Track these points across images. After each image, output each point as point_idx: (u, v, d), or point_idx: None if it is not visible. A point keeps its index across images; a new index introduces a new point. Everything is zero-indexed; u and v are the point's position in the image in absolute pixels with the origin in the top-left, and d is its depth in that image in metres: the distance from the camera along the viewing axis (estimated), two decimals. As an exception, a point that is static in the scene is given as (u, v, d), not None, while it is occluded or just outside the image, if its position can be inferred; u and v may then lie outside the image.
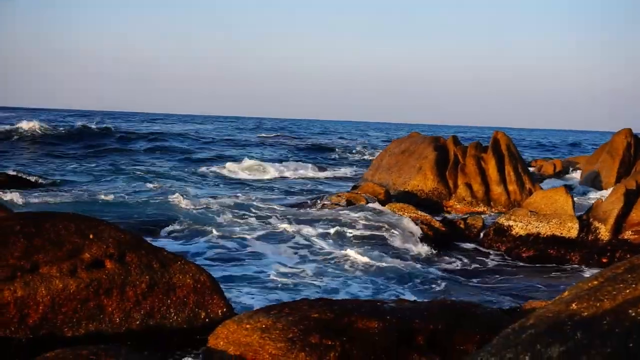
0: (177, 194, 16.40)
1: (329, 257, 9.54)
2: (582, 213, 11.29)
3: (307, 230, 11.08)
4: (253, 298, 7.23)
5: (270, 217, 12.75)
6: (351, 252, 9.63)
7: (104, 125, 41.58)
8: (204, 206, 14.45)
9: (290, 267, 8.83)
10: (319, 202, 13.90)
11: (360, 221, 11.56)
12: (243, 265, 8.85)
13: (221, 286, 7.45)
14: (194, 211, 13.51)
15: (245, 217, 12.93)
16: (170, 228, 11.24)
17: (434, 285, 8.35)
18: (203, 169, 25.63)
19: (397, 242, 10.47)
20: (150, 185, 18.84)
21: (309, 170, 26.91)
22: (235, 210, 13.80)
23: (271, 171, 25.72)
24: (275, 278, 8.24)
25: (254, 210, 13.87)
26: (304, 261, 9.21)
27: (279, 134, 56.62)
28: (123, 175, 21.76)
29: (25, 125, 34.24)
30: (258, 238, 10.57)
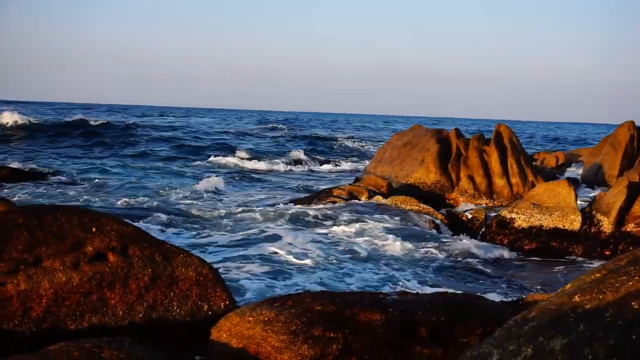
0: (178, 188, 16.42)
1: (337, 245, 9.58)
2: (584, 205, 11.28)
3: (312, 220, 11.10)
4: (264, 285, 7.27)
5: (274, 207, 12.76)
6: (359, 242, 9.69)
7: (102, 118, 41.58)
8: (204, 198, 14.47)
9: (300, 254, 8.88)
10: (321, 195, 13.90)
11: (367, 213, 11.58)
12: (252, 253, 8.88)
13: (234, 271, 7.50)
14: (194, 203, 13.53)
15: (246, 208, 12.94)
16: (173, 220, 11.25)
17: (436, 278, 8.36)
18: (201, 162, 25.59)
19: (401, 234, 10.47)
20: (151, 178, 18.88)
21: (309, 163, 26.90)
22: (232, 201, 13.82)
23: (272, 164, 25.72)
24: (286, 265, 8.29)
25: (254, 201, 13.89)
26: (314, 249, 9.23)
27: (281, 126, 56.59)
28: (123, 168, 21.77)
29: (7, 117, 33.97)
30: (262, 228, 10.58)
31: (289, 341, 3.57)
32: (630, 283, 2.38)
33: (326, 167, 26.46)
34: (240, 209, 12.99)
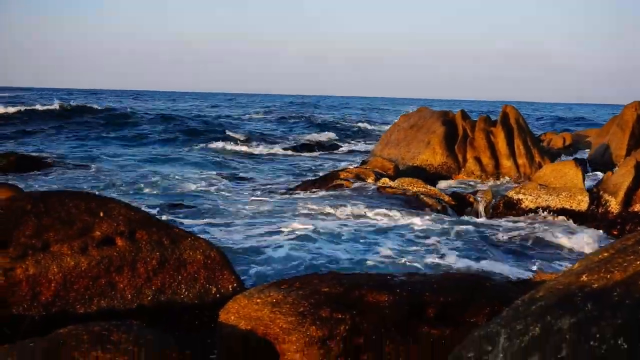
0: (183, 173, 16.44)
1: (346, 226, 9.60)
2: (592, 185, 11.26)
3: (320, 202, 11.11)
4: (272, 267, 7.31)
5: (282, 189, 12.77)
6: (369, 222, 9.73)
7: (107, 104, 41.52)
8: (210, 184, 14.48)
9: (310, 234, 8.91)
10: (328, 177, 13.90)
11: (374, 195, 11.59)
12: (260, 236, 8.90)
13: (240, 255, 7.52)
14: (200, 188, 13.54)
15: (254, 192, 12.96)
16: (177, 205, 11.27)
17: (444, 258, 8.36)
18: (206, 144, 25.48)
19: (410, 215, 10.48)
20: (155, 163, 18.91)
21: (315, 146, 26.81)
22: (240, 186, 13.83)
23: (279, 147, 25.67)
24: (297, 246, 8.33)
25: (262, 184, 13.89)
26: (323, 230, 9.25)
27: (287, 109, 56.49)
28: (126, 153, 21.77)
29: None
30: (271, 211, 10.60)
31: (297, 322, 3.59)
32: (638, 262, 2.38)
33: (333, 149, 26.39)
34: (247, 193, 13.01)
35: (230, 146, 25.29)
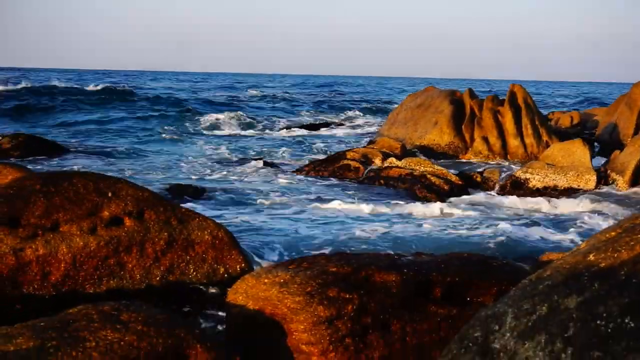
0: (183, 154, 16.42)
1: (352, 206, 9.62)
2: (599, 165, 11.24)
3: (327, 184, 11.12)
4: (278, 249, 7.33)
5: (289, 170, 12.77)
6: (376, 204, 9.76)
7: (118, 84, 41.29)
8: (213, 164, 14.48)
9: (318, 214, 8.90)
10: (335, 157, 13.89)
11: (382, 174, 11.58)
12: (268, 217, 8.90)
13: (247, 236, 7.54)
14: (206, 170, 13.54)
15: (261, 173, 12.97)
16: (184, 186, 11.28)
17: (451, 238, 8.37)
18: (207, 124, 25.22)
19: (411, 195, 10.48)
20: (157, 144, 18.92)
21: (322, 126, 26.63)
22: (247, 166, 13.83)
23: (284, 127, 25.52)
24: (304, 227, 8.34)
25: (267, 165, 13.88)
26: (331, 208, 9.26)
27: (295, 89, 56.30)
28: (125, 134, 21.69)
29: None
30: (281, 193, 10.61)
31: (304, 302, 3.60)
32: (646, 241, 2.37)
33: (340, 127, 26.22)
34: (254, 173, 13.03)
35: (237, 125, 25.16)
